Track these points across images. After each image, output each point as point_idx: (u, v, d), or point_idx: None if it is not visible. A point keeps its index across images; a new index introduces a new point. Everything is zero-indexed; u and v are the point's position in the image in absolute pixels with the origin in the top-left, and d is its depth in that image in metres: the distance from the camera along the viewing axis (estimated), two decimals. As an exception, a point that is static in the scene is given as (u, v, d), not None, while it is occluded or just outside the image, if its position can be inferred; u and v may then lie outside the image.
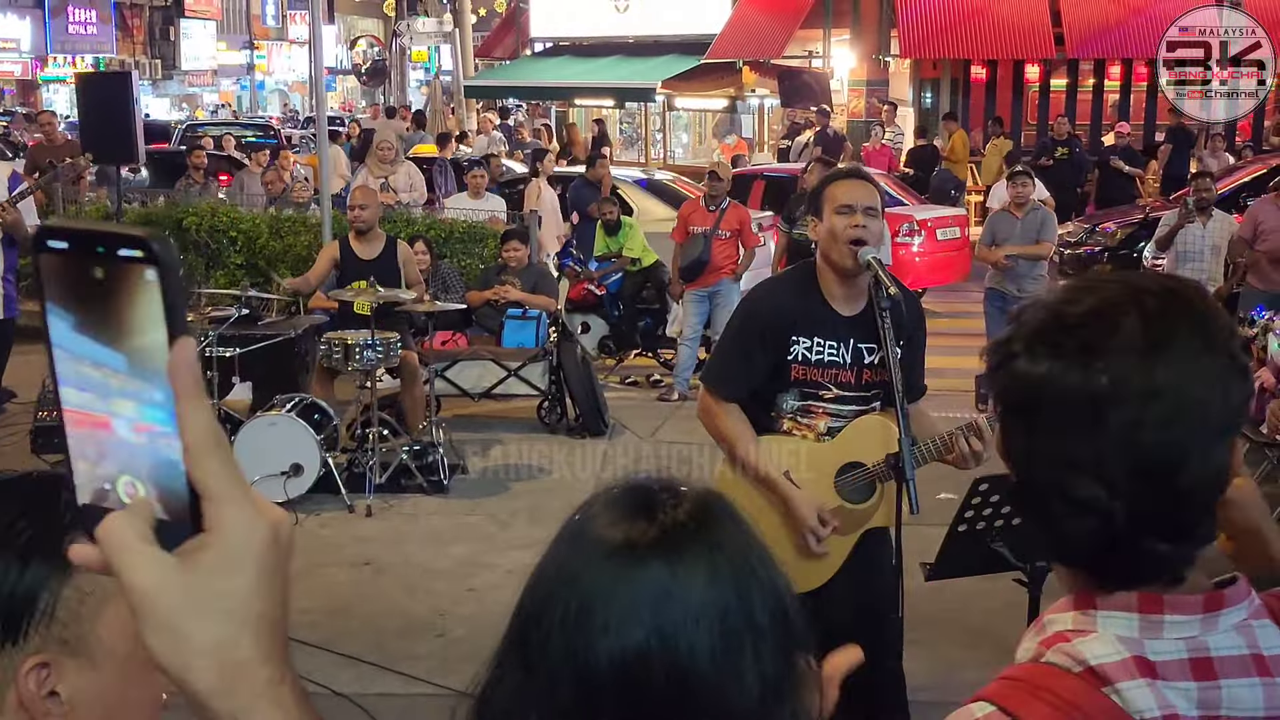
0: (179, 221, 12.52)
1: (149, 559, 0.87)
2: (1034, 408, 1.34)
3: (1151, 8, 21.86)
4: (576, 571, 1.23)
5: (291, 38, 56.48)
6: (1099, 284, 1.39)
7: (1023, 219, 10.26)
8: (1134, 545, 1.33)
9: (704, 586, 1.20)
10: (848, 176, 4.19)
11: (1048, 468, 1.34)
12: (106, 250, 0.89)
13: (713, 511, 1.27)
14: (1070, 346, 1.32)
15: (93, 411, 0.90)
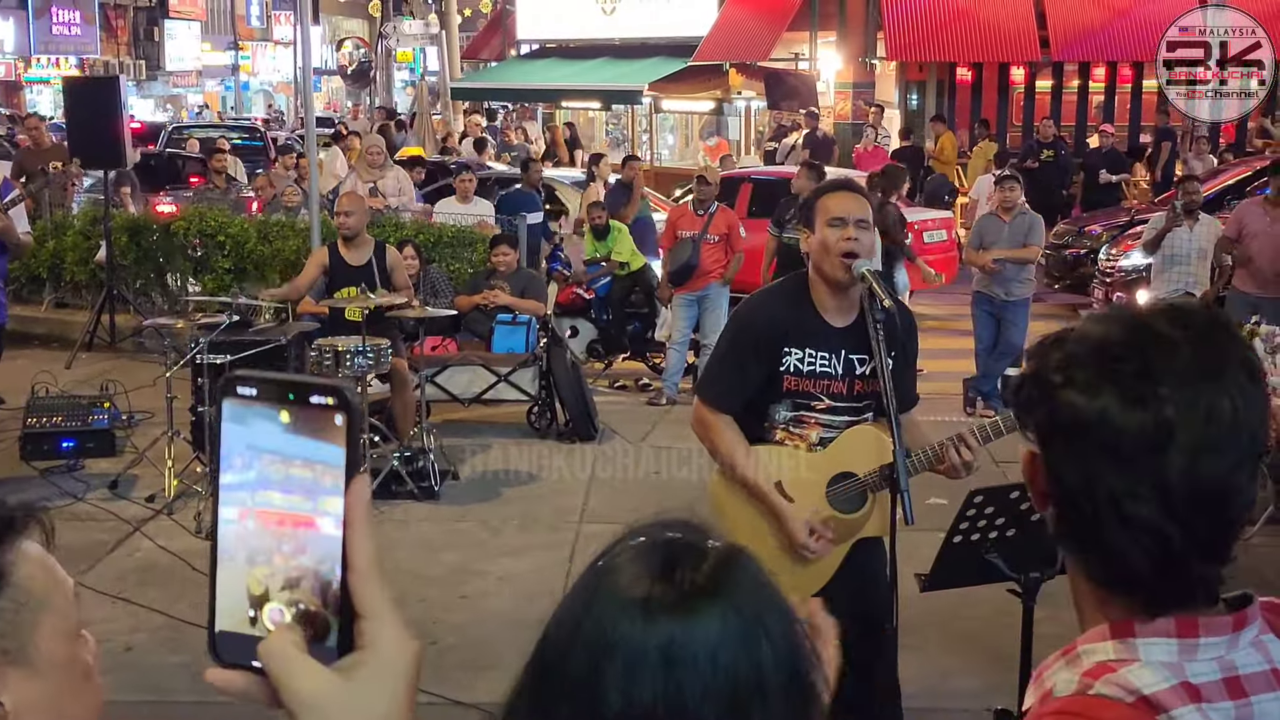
0: (166, 226, 12.50)
1: (313, 672, 1.02)
2: (1090, 436, 1.36)
3: (1135, 10, 21.96)
4: (593, 626, 1.24)
5: (276, 38, 56.35)
6: (1131, 313, 1.43)
7: (1010, 222, 10.30)
8: (1186, 568, 1.36)
9: (714, 650, 1.21)
10: (839, 188, 4.19)
11: (1106, 495, 1.35)
12: (297, 397, 1.05)
13: (733, 574, 1.27)
14: (1127, 375, 1.35)
15: (299, 512, 1.06)
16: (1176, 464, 1.32)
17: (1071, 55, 22.72)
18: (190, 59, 50.24)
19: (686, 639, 1.21)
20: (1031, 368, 1.46)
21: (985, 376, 10.57)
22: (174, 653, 5.97)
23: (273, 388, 1.07)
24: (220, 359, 8.06)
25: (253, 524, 1.10)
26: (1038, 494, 1.48)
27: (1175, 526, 1.33)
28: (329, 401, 1.05)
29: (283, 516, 1.09)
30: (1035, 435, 1.45)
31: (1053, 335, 1.48)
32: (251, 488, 1.10)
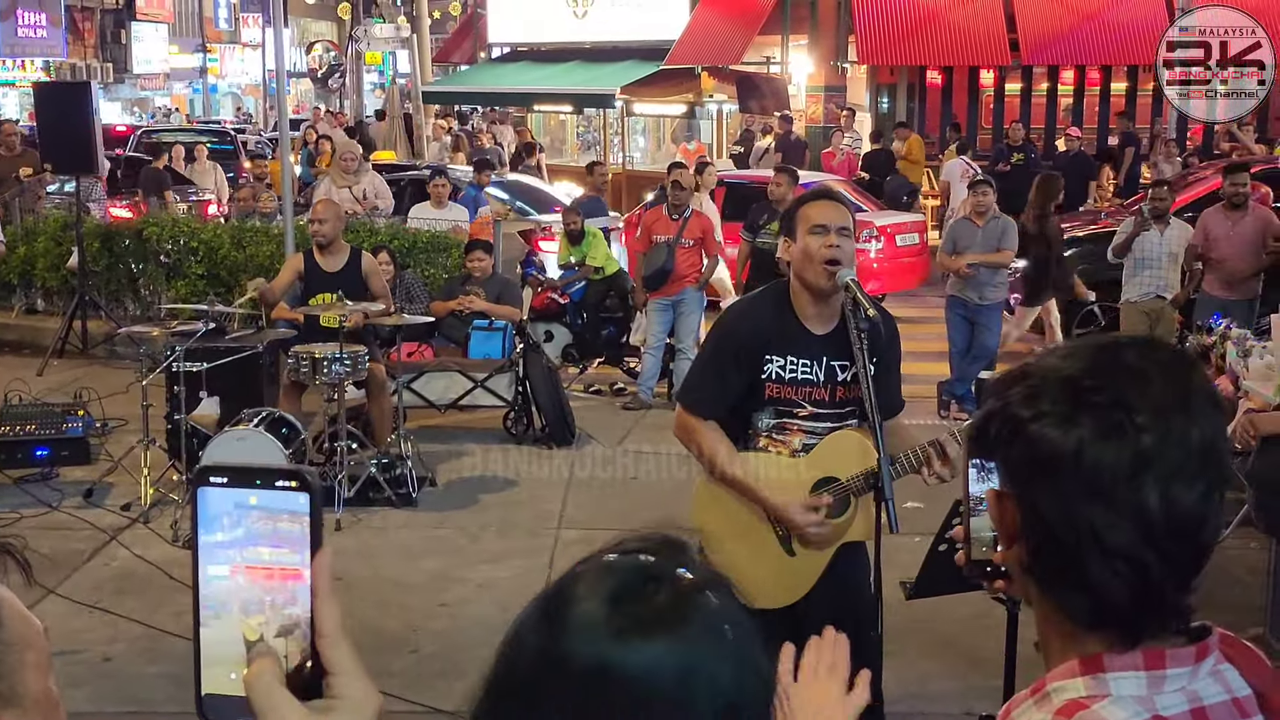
0: (139, 232, 12.44)
1: (290, 707, 1.14)
2: (1067, 470, 1.36)
3: (1104, 14, 22.13)
4: (537, 642, 1.25)
5: (244, 41, 56.09)
6: (1095, 345, 1.45)
7: (984, 227, 10.37)
8: (1162, 597, 1.38)
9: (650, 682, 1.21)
10: (820, 197, 4.22)
11: (1087, 527, 1.36)
12: (263, 483, 1.16)
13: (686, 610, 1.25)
14: (1102, 406, 1.36)
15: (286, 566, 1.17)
16: (1155, 493, 1.33)
17: (1041, 59, 22.87)
18: (158, 61, 49.93)
19: (621, 666, 1.21)
20: (995, 405, 1.45)
21: (959, 380, 10.63)
22: (153, 663, 5.95)
23: (241, 474, 1.18)
24: (196, 367, 8.05)
25: (243, 579, 1.18)
26: (1005, 533, 1.47)
27: (1154, 555, 1.34)
28: (292, 485, 1.17)
29: (272, 570, 1.18)
30: (1005, 472, 1.45)
31: (1012, 371, 1.48)
32: (240, 545, 1.18)
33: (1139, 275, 10.18)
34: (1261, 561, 6.01)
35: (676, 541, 1.34)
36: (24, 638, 1.35)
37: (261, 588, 1.18)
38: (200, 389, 8.14)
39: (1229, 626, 5.12)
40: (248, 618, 1.18)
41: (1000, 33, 22.26)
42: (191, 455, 7.87)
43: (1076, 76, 23.99)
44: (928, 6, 22.68)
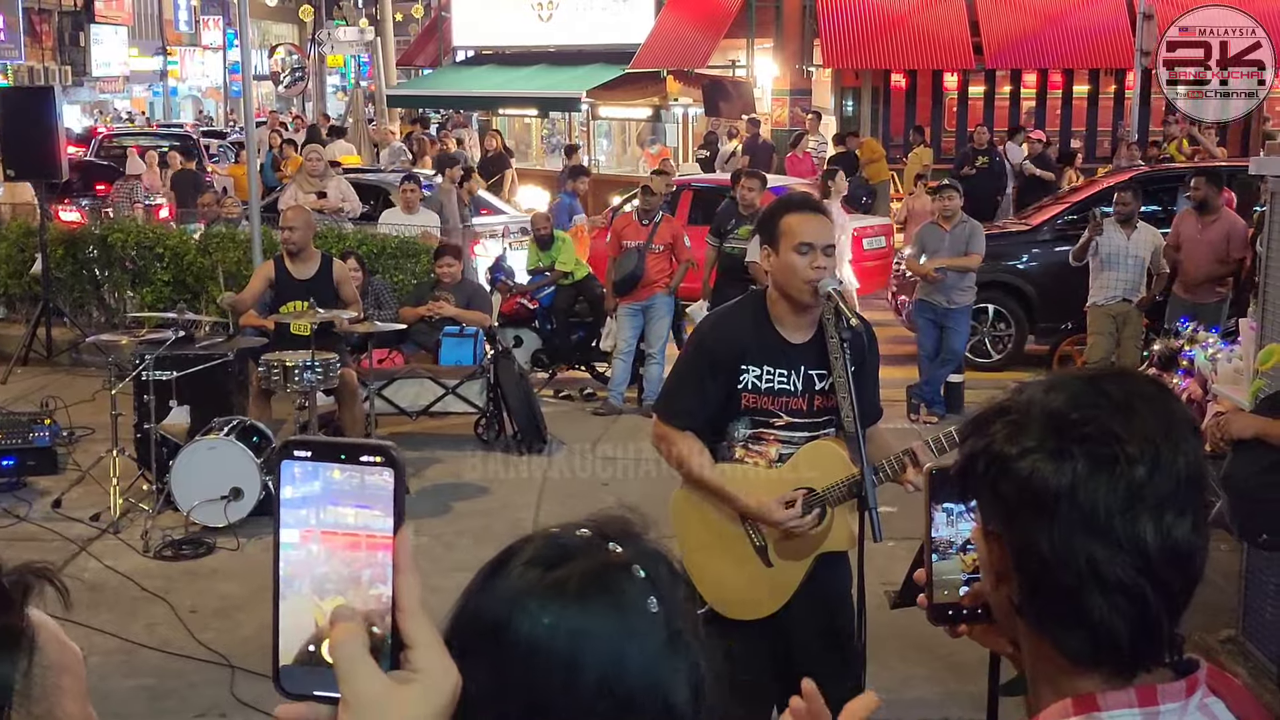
0: (104, 238, 12.33)
1: (373, 674, 1.12)
2: (1063, 505, 1.35)
3: (1066, 18, 22.32)
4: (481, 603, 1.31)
5: (205, 43, 55.72)
6: (1076, 378, 1.44)
7: (951, 231, 10.42)
8: (1160, 629, 1.37)
9: (543, 645, 1.26)
10: (803, 209, 4.13)
11: (1087, 561, 1.34)
12: (348, 457, 1.14)
13: (602, 581, 1.30)
14: (1093, 439, 1.35)
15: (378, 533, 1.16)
16: (1150, 525, 1.33)
17: (1004, 63, 23.04)
18: (117, 64, 49.55)
19: (520, 627, 1.26)
20: (979, 444, 1.43)
21: (928, 383, 10.68)
22: (129, 676, 5.91)
23: (326, 449, 1.16)
24: (165, 375, 7.99)
25: (318, 547, 1.15)
26: (992, 574, 1.45)
27: (1151, 587, 1.34)
28: (378, 459, 1.15)
29: (356, 539, 1.15)
30: (993, 511, 1.43)
31: (990, 407, 1.46)
32: (317, 503, 1.15)
33: (1104, 273, 10.25)
34: (1234, 564, 6.05)
35: (624, 522, 1.38)
36: (61, 663, 1.36)
37: (343, 559, 1.16)
38: (170, 397, 8.08)
39: (1201, 628, 5.19)
40: (323, 600, 1.16)
41: (963, 37, 22.42)
42: (161, 465, 7.81)
43: (1039, 79, 24.17)
44: (892, 11, 22.81)
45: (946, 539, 1.67)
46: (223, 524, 7.57)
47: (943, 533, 1.67)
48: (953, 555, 1.67)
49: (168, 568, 7.21)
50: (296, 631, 1.15)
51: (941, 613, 1.67)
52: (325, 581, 1.15)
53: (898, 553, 5.22)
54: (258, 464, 7.63)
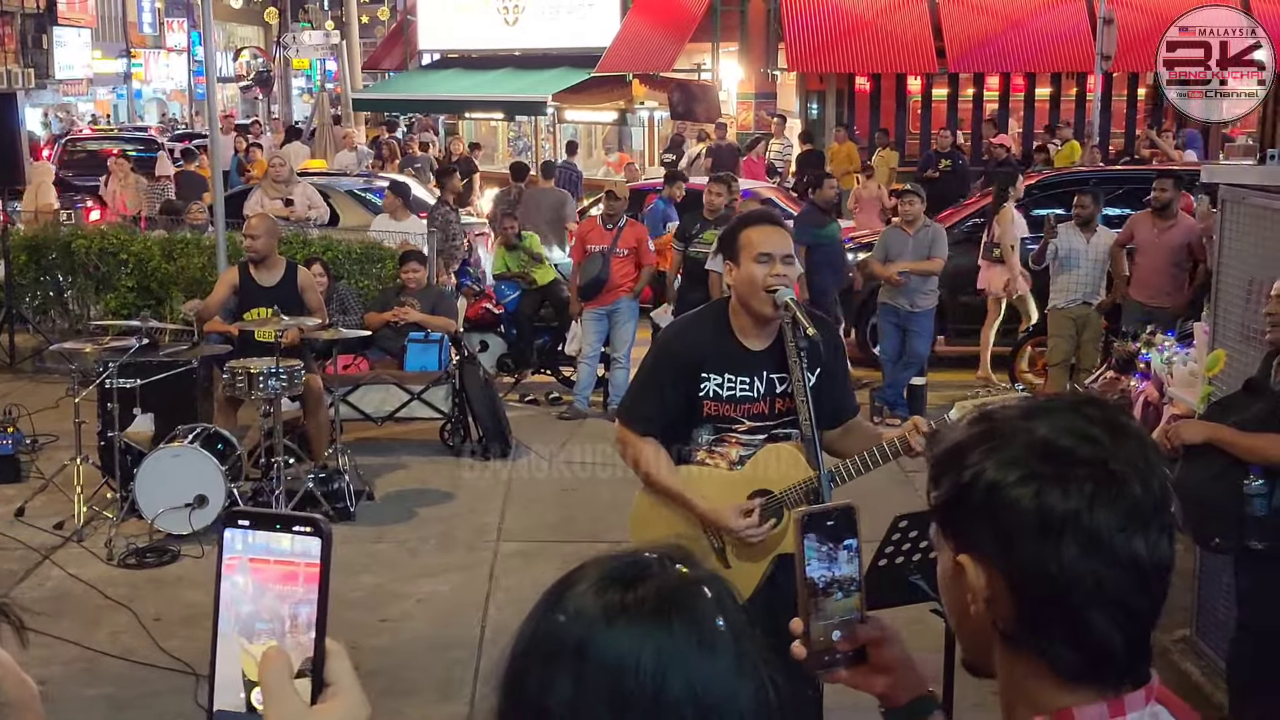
0: (67, 244, 12.28)
1: (294, 702, 1.25)
2: (1068, 529, 1.41)
3: (1029, 22, 22.49)
4: (557, 635, 1.32)
5: (169, 45, 55.38)
6: (1053, 405, 1.50)
7: (914, 235, 10.50)
8: (1148, 639, 1.46)
9: (632, 661, 1.28)
10: (762, 222, 4.22)
11: (1093, 581, 1.40)
12: (283, 527, 1.30)
13: (679, 596, 1.33)
14: (1088, 465, 1.42)
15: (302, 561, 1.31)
16: (1142, 542, 1.41)
17: (967, 66, 23.19)
18: (80, 67, 49.16)
19: (605, 644, 1.28)
20: (966, 474, 1.46)
21: (891, 386, 10.76)
22: (90, 685, 5.90)
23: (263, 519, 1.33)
24: (129, 383, 7.98)
25: (253, 599, 1.28)
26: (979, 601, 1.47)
27: (1145, 599, 1.42)
28: (307, 530, 1.31)
29: (286, 572, 1.28)
30: (988, 539, 1.46)
31: (961, 440, 1.50)
32: (255, 562, 1.29)
33: (1064, 282, 10.34)
34: (1187, 564, 6.14)
35: (681, 548, 1.41)
36: (20, 700, 1.40)
37: (273, 608, 1.29)
38: (134, 405, 8.07)
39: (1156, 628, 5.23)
40: (251, 644, 1.28)
41: (927, 40, 22.55)
42: (126, 472, 7.80)
43: (1002, 82, 24.35)
44: (855, 14, 22.92)
45: (848, 576, 1.67)
46: (187, 531, 7.57)
47: (846, 569, 1.67)
48: (855, 592, 1.67)
49: (132, 576, 7.21)
50: (231, 679, 1.29)
51: (819, 660, 1.68)
52: (254, 628, 1.28)
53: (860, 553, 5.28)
54: (222, 471, 7.63)
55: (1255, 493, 4.49)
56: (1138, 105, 24.50)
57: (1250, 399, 4.71)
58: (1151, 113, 24.03)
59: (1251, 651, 4.84)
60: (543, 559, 7.49)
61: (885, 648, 1.72)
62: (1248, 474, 4.50)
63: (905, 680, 1.74)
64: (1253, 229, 5.66)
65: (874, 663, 1.72)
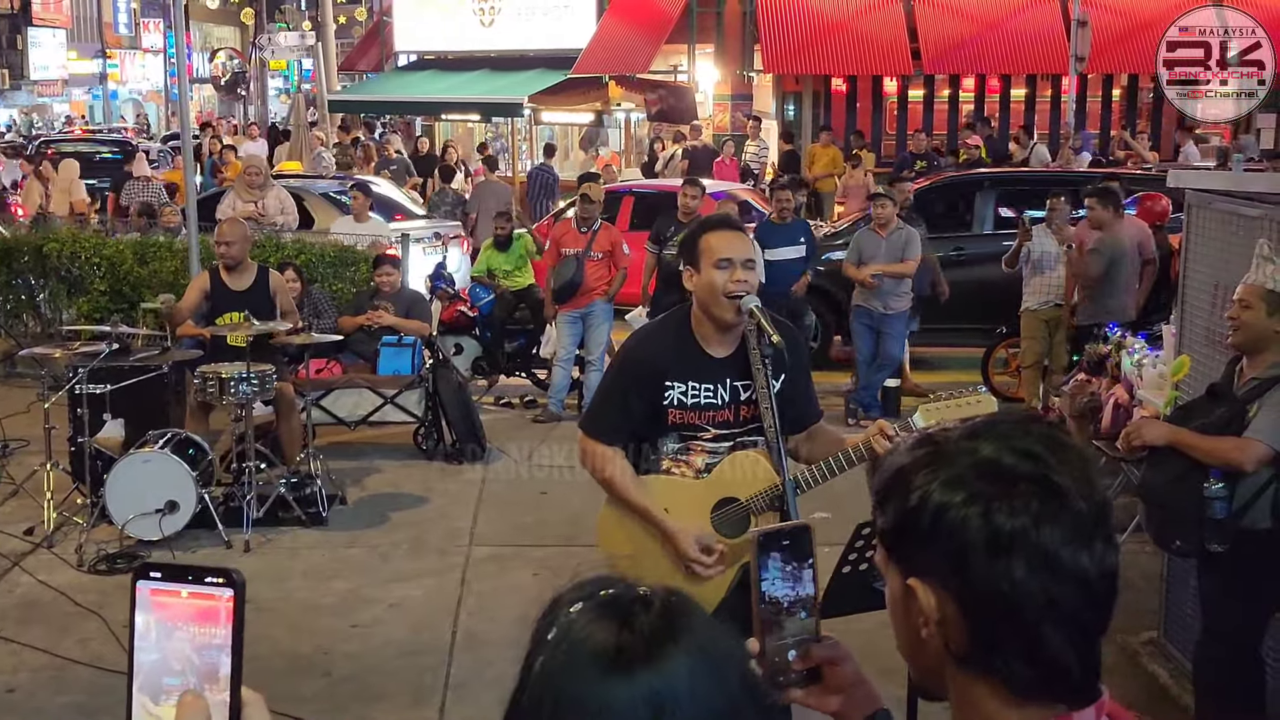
0: (39, 248, 12.22)
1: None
2: (1016, 548, 1.41)
3: (1004, 24, 22.58)
4: (575, 692, 1.28)
5: (145, 46, 55.19)
6: (990, 425, 1.51)
7: (887, 238, 10.54)
8: (1097, 653, 1.46)
9: (691, 687, 1.28)
10: (722, 227, 4.18)
11: (1045, 599, 1.40)
12: (194, 579, 1.31)
13: (681, 610, 1.34)
14: (1034, 482, 1.42)
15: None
16: (1087, 556, 1.42)
17: (942, 68, 23.28)
18: (55, 67, 48.98)
19: (666, 685, 1.26)
20: (914, 499, 1.46)
21: (865, 388, 10.80)
22: (60, 693, 5.88)
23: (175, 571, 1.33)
24: (99, 388, 7.95)
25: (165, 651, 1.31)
26: (929, 625, 1.47)
27: (1093, 615, 1.43)
28: (219, 581, 1.31)
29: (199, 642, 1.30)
30: (937, 562, 1.45)
31: (902, 465, 1.50)
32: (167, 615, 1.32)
33: (1036, 284, 10.38)
34: (1155, 566, 6.18)
35: (613, 576, 1.39)
36: None
37: (187, 658, 1.30)
38: (104, 410, 8.04)
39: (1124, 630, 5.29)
40: (169, 699, 1.29)
41: (902, 42, 22.63)
42: (96, 478, 7.77)
43: (977, 84, 24.44)
44: (831, 16, 22.99)
45: (809, 596, 1.69)
46: (158, 537, 7.54)
47: (807, 589, 1.69)
48: (797, 615, 1.68)
49: (102, 582, 7.17)
50: None
51: (774, 679, 1.68)
52: (168, 676, 1.31)
53: (832, 559, 5.29)
54: (193, 477, 7.61)
55: (1215, 496, 4.52)
56: (1112, 107, 24.63)
57: (1213, 403, 4.74)
58: (1126, 114, 24.17)
59: (1216, 654, 4.88)
60: (516, 563, 7.49)
61: (839, 667, 1.73)
62: (1208, 477, 4.53)
63: (858, 698, 1.75)
64: (1218, 234, 5.70)
65: (828, 683, 1.73)
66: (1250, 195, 5.59)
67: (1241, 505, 4.52)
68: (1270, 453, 4.44)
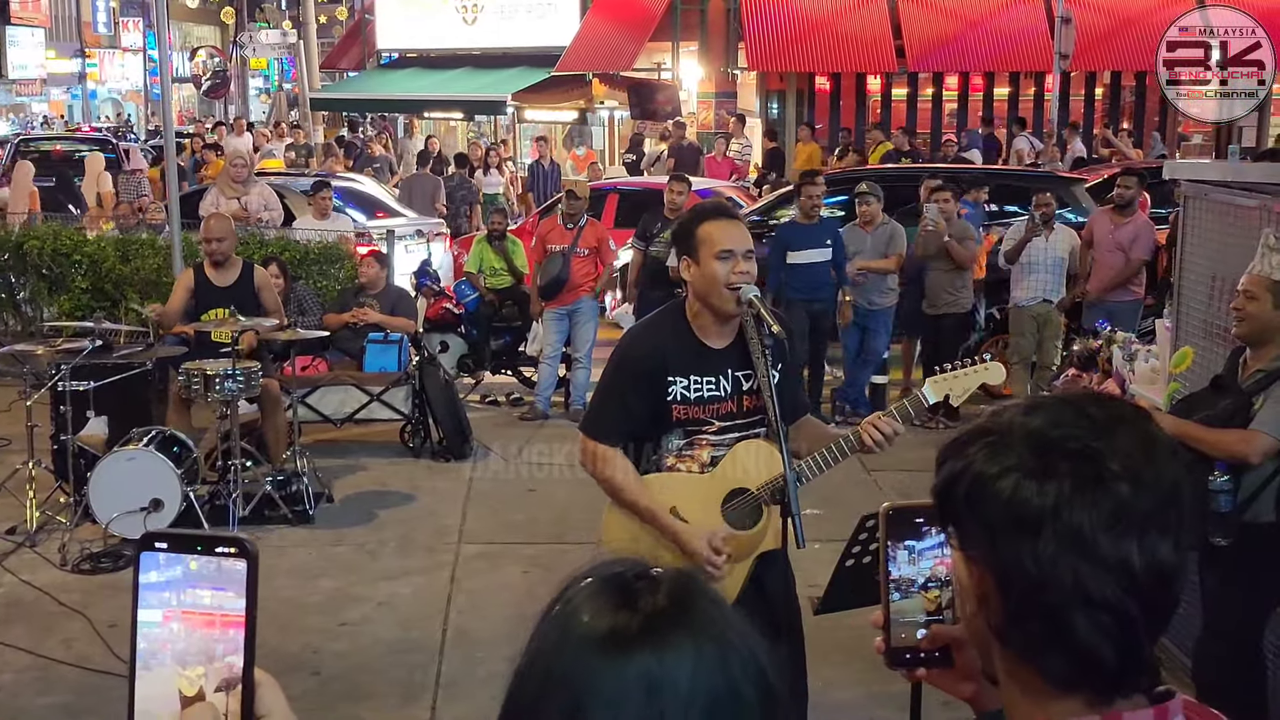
0: (19, 245, 12.10)
1: None
2: (1048, 525, 1.34)
3: (987, 22, 22.61)
4: (567, 669, 1.24)
5: (125, 45, 54.89)
6: (1055, 400, 1.45)
7: (872, 234, 10.49)
8: (1142, 649, 1.37)
9: (691, 671, 1.23)
10: (720, 216, 4.09)
11: (1073, 581, 1.33)
12: (204, 549, 1.25)
13: (689, 592, 1.29)
14: (1076, 458, 1.35)
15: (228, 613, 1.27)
16: (1134, 544, 1.33)
17: (926, 66, 23.30)
18: (34, 66, 48.66)
19: (662, 666, 1.22)
20: (958, 465, 1.42)
21: (851, 385, 10.76)
22: (43, 694, 5.79)
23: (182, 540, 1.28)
24: (82, 385, 7.85)
25: (178, 626, 1.23)
26: (973, 599, 1.43)
27: (1137, 606, 1.34)
28: (231, 551, 1.26)
29: (213, 617, 1.23)
30: (974, 534, 1.41)
31: (968, 429, 1.45)
32: (177, 587, 1.23)
33: (1027, 280, 10.37)
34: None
35: (630, 558, 1.35)
36: None
37: (201, 635, 1.23)
38: (87, 408, 7.94)
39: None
40: (185, 669, 1.22)
41: (886, 40, 22.64)
42: (79, 476, 7.67)
43: (961, 82, 24.46)
44: (816, 14, 22.98)
45: (908, 577, 1.64)
46: (170, 531, 7.43)
47: (904, 570, 1.64)
48: (914, 593, 1.64)
49: (86, 581, 7.08)
50: (155, 700, 1.23)
51: (899, 656, 1.64)
52: (185, 655, 1.23)
53: (823, 555, 5.25)
54: (178, 475, 7.51)
55: (1220, 489, 4.48)
56: (1095, 104, 24.68)
57: (1217, 395, 4.70)
58: (1109, 112, 24.22)
59: (1217, 650, 4.84)
60: (504, 561, 7.42)
61: (969, 651, 1.66)
62: (1212, 470, 4.49)
63: (992, 690, 1.68)
64: (1214, 225, 5.66)
65: (960, 666, 1.67)
66: (1247, 185, 5.55)
67: (1246, 498, 4.48)
68: (1275, 445, 4.40)
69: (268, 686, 1.28)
